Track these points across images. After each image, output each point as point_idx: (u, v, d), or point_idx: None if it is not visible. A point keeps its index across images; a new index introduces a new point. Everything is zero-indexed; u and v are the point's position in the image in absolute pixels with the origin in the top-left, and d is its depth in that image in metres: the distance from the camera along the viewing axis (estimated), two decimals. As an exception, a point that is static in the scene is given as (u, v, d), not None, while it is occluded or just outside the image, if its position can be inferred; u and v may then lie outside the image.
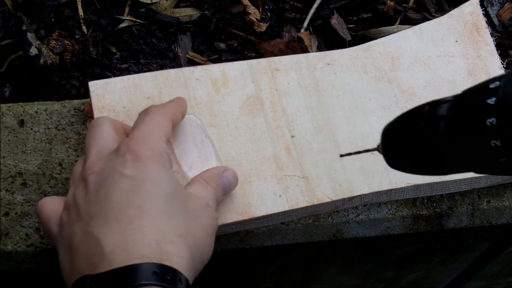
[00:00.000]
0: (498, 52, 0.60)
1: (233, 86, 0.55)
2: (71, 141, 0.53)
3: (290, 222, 0.54)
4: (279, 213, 0.51)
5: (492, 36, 0.61)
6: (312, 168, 0.53)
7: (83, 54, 0.62)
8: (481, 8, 0.62)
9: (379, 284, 0.83)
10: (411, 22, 0.68)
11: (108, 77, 0.61)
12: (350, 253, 0.66)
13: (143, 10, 0.65)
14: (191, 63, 0.64)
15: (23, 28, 0.60)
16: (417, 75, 0.59)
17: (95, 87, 0.53)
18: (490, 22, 0.69)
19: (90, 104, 0.53)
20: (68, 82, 0.61)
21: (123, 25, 0.64)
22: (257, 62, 0.57)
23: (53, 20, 0.63)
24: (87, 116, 0.54)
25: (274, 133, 0.54)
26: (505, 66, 0.60)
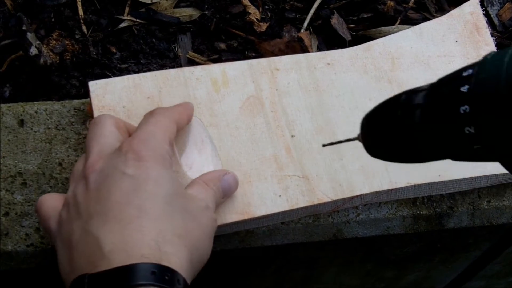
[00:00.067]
0: (498, 52, 0.60)
1: (233, 86, 0.55)
2: (71, 141, 0.53)
3: (290, 222, 0.54)
4: (279, 213, 0.51)
5: (492, 36, 0.61)
6: (312, 168, 0.53)
7: (83, 54, 0.62)
8: (481, 8, 0.62)
9: (379, 284, 0.83)
10: (411, 22, 0.68)
11: (108, 77, 0.61)
12: (350, 253, 0.66)
13: (143, 10, 0.65)
14: (191, 63, 0.64)
15: (23, 28, 0.60)
16: (417, 75, 0.58)
17: (95, 87, 0.53)
18: (490, 22, 0.69)
19: (90, 104, 0.53)
20: (68, 82, 0.61)
21: (123, 25, 0.64)
22: (257, 62, 0.57)
23: (53, 20, 0.63)
24: (87, 116, 0.54)
25: (274, 133, 0.54)
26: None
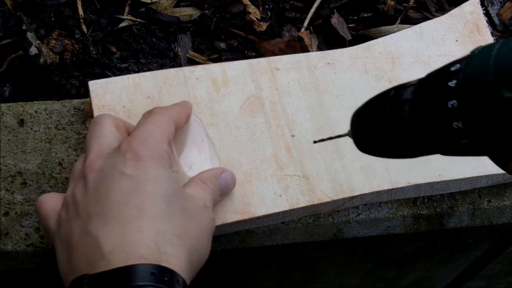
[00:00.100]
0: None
1: (233, 85, 0.55)
2: (71, 140, 0.53)
3: (291, 221, 0.54)
4: (279, 212, 0.51)
5: (492, 35, 0.61)
6: (313, 168, 0.53)
7: (83, 54, 0.62)
8: (482, 7, 0.62)
9: (379, 284, 0.83)
10: (411, 21, 0.67)
11: (108, 76, 0.60)
12: (350, 252, 0.66)
13: (143, 9, 0.65)
14: (191, 62, 0.63)
15: (23, 28, 0.60)
16: (418, 74, 0.58)
17: (95, 86, 0.53)
18: (490, 22, 0.69)
19: (90, 103, 0.53)
20: (68, 81, 0.61)
21: (123, 24, 0.64)
22: (257, 61, 0.57)
23: (53, 19, 0.63)
24: (87, 116, 0.54)
25: (274, 132, 0.54)
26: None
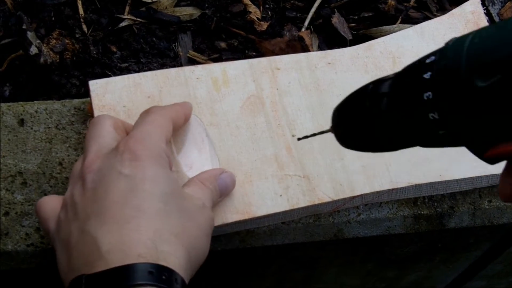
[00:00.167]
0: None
1: (234, 85, 0.55)
2: (71, 140, 0.53)
3: (291, 221, 0.54)
4: (280, 212, 0.51)
5: (493, 35, 0.61)
6: (313, 168, 0.53)
7: (83, 53, 0.62)
8: (483, 7, 0.62)
9: (380, 284, 0.83)
10: (412, 21, 0.67)
11: (109, 76, 0.60)
12: (351, 253, 0.66)
13: (143, 9, 0.65)
14: (192, 62, 0.63)
15: (23, 27, 0.60)
16: (418, 74, 0.58)
17: (96, 86, 0.53)
18: (491, 21, 0.69)
19: (90, 103, 0.53)
20: (68, 81, 0.61)
21: (123, 24, 0.64)
22: (257, 61, 0.57)
23: (53, 19, 0.63)
24: (87, 116, 0.54)
25: (275, 132, 0.54)
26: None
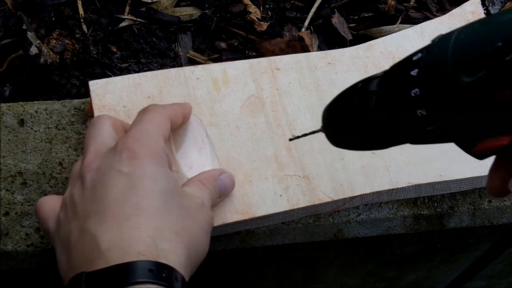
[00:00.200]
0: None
1: (234, 85, 0.55)
2: (71, 140, 0.53)
3: (291, 222, 0.54)
4: (279, 213, 0.51)
5: (493, 35, 0.61)
6: (313, 168, 0.53)
7: (83, 54, 0.62)
8: (483, 7, 0.62)
9: (380, 284, 0.83)
10: (412, 21, 0.67)
11: (109, 76, 0.60)
12: (351, 253, 0.66)
13: (143, 9, 0.65)
14: (192, 62, 0.63)
15: (23, 27, 0.60)
16: (418, 74, 0.58)
17: (96, 86, 0.53)
18: (491, 21, 0.69)
19: (90, 103, 0.53)
20: (69, 81, 0.61)
21: (123, 24, 0.64)
22: (257, 61, 0.57)
23: (53, 19, 0.63)
24: (87, 116, 0.54)
25: (275, 132, 0.54)
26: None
